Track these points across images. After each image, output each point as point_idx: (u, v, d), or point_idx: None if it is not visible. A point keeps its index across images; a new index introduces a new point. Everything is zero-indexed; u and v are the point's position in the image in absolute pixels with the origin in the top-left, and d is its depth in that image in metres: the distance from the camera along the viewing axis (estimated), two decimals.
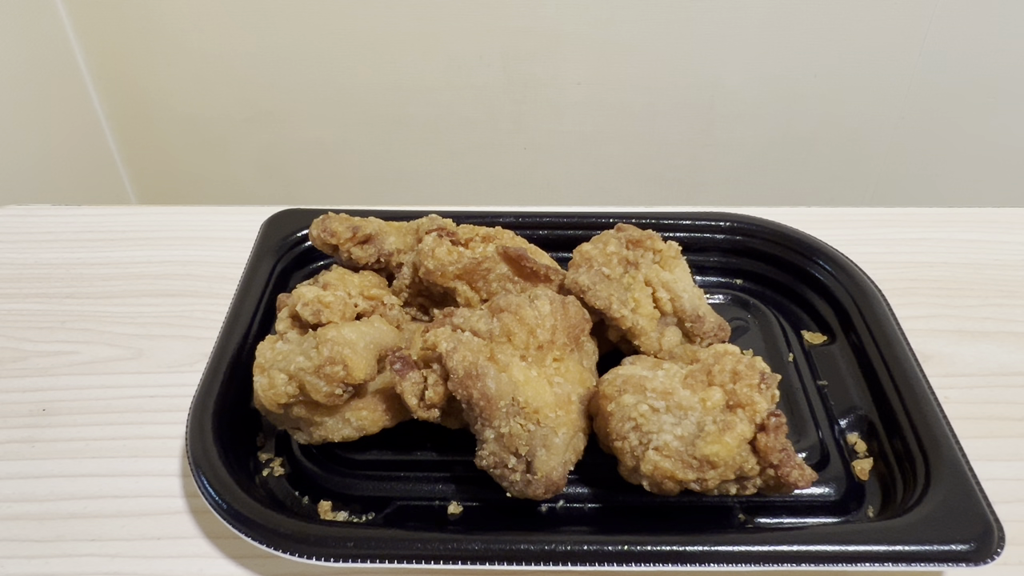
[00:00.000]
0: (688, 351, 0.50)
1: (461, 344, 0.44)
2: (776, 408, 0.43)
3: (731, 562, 0.40)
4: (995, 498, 0.43)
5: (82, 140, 1.28)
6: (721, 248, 0.65)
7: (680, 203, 0.87)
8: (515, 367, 0.44)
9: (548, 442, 0.43)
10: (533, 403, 0.43)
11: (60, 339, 0.61)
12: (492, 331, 0.45)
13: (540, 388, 0.44)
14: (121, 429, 0.53)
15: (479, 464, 0.44)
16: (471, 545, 0.41)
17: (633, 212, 0.65)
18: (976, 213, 0.75)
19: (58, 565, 0.45)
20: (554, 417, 0.43)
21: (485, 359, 0.43)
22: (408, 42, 1.21)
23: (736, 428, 0.41)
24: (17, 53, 1.09)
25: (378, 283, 0.55)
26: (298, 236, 0.65)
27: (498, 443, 0.43)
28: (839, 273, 0.60)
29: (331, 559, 0.41)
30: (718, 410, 0.42)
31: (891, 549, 0.40)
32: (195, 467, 0.45)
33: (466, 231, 0.55)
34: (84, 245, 0.72)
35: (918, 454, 0.46)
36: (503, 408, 0.43)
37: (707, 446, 0.41)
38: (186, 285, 0.67)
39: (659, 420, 0.42)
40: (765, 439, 0.41)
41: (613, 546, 0.40)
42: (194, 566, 0.45)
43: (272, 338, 0.49)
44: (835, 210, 0.75)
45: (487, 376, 0.43)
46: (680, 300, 0.53)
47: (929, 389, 0.50)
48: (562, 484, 0.43)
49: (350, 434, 0.48)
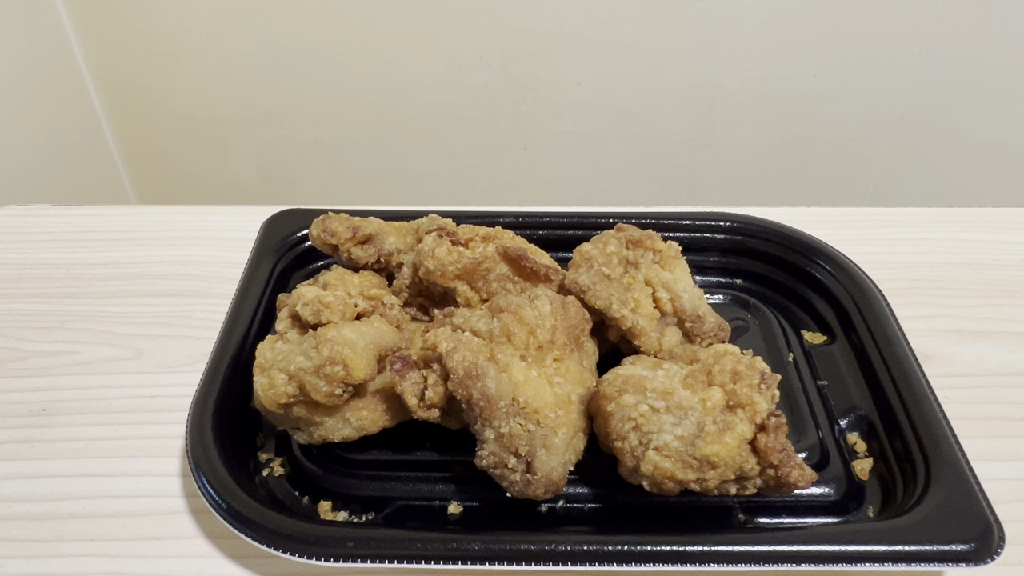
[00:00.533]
0: (688, 351, 0.50)
1: (461, 344, 0.44)
2: (776, 408, 0.43)
3: (731, 562, 0.40)
4: (995, 498, 0.43)
5: (82, 140, 1.28)
6: (721, 248, 0.65)
7: (680, 203, 0.87)
8: (515, 367, 0.44)
9: (548, 442, 0.43)
10: (533, 403, 0.43)
11: (60, 339, 0.61)
12: (492, 331, 0.45)
13: (540, 388, 0.44)
14: (121, 429, 0.53)
15: (479, 464, 0.44)
16: (471, 545, 0.41)
17: (633, 212, 0.65)
18: (976, 213, 0.75)
19: (58, 565, 0.45)
20: (554, 417, 0.43)
21: (485, 359, 0.43)
22: (408, 42, 1.21)
23: (736, 428, 0.41)
24: (17, 53, 1.09)
25: (378, 283, 0.55)
26: (298, 236, 0.65)
27: (498, 443, 0.43)
28: (839, 273, 0.60)
29: (331, 559, 0.41)
30: (718, 410, 0.42)
31: (891, 549, 0.40)
32: (195, 467, 0.45)
33: (466, 231, 0.55)
34: (84, 245, 0.72)
35: (918, 454, 0.46)
36: (503, 408, 0.43)
37: (707, 446, 0.41)
38: (186, 285, 0.67)
39: (659, 420, 0.42)
40: (765, 439, 0.41)
41: (613, 546, 0.40)
42: (194, 566, 0.45)
43: (272, 338, 0.49)
44: (835, 210, 0.75)
45: (487, 376, 0.43)
46: (680, 300, 0.53)
47: (929, 389, 0.50)
48: (562, 484, 0.43)
49: (350, 434, 0.48)
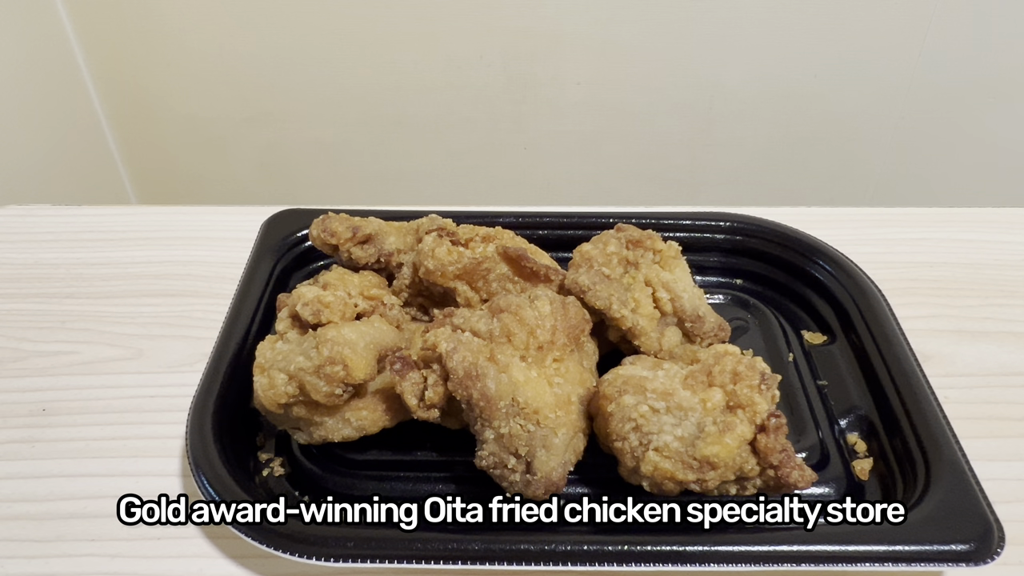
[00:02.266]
0: (688, 351, 0.50)
1: (461, 344, 0.44)
2: (776, 408, 0.43)
3: (731, 562, 0.40)
4: (995, 498, 0.43)
5: (82, 140, 1.28)
6: (721, 248, 0.65)
7: (680, 203, 0.87)
8: (515, 368, 0.44)
9: (548, 443, 0.43)
10: (533, 404, 0.43)
11: (60, 339, 0.61)
12: (492, 331, 0.45)
13: (540, 389, 0.44)
14: (121, 429, 0.53)
15: (479, 464, 0.44)
16: (471, 545, 0.41)
17: (633, 212, 0.65)
18: (976, 213, 0.75)
19: (58, 565, 0.45)
20: (554, 418, 0.43)
21: (485, 359, 0.43)
22: (408, 42, 1.21)
23: (736, 429, 0.41)
24: (17, 53, 1.09)
25: (378, 283, 0.55)
26: (298, 236, 0.65)
27: (498, 443, 0.43)
28: (839, 273, 0.60)
29: (331, 559, 0.41)
30: (718, 411, 0.42)
31: (891, 549, 0.40)
32: (195, 467, 0.45)
33: (466, 231, 0.55)
34: (84, 245, 0.72)
35: (918, 454, 0.46)
36: (503, 408, 0.43)
37: (707, 447, 0.41)
38: (186, 285, 0.67)
39: (659, 421, 0.42)
40: (765, 440, 0.41)
41: (613, 546, 0.40)
42: (194, 566, 0.45)
43: (272, 338, 0.49)
44: (835, 210, 0.75)
45: (487, 377, 0.43)
46: (680, 300, 0.53)
47: (929, 389, 0.50)
48: (562, 484, 0.43)
49: (350, 434, 0.48)
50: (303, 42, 1.21)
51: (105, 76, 1.26)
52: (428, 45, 1.21)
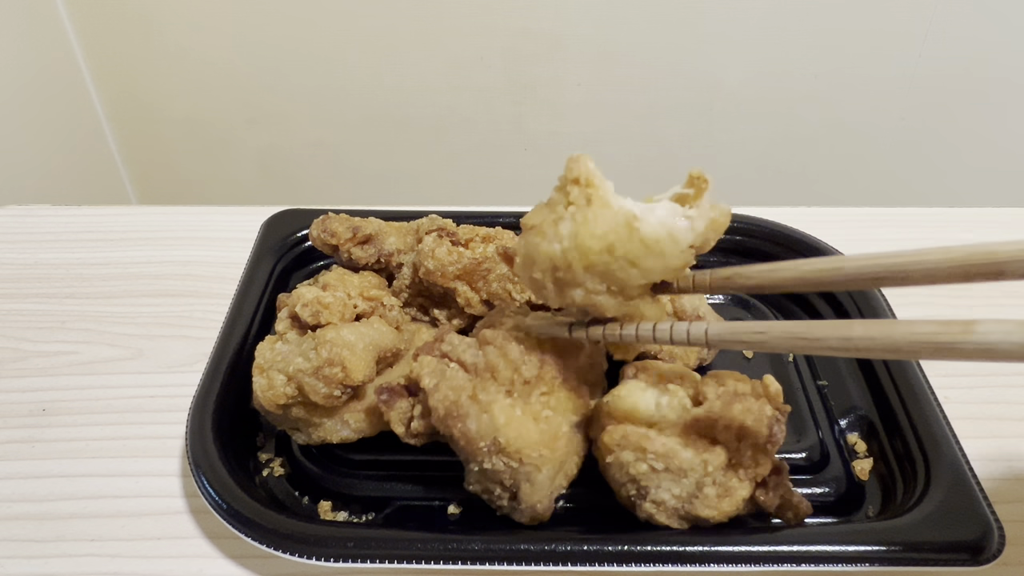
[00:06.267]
0: (691, 380, 0.47)
1: (444, 381, 0.42)
2: (780, 414, 0.42)
3: (731, 562, 0.40)
4: (995, 498, 0.43)
5: (82, 140, 1.28)
6: (721, 248, 0.65)
7: None
8: (497, 407, 0.41)
9: (531, 478, 0.41)
10: (515, 444, 0.41)
11: (60, 339, 0.61)
12: (477, 365, 0.43)
13: (524, 428, 0.41)
14: (121, 429, 0.53)
15: (467, 488, 0.44)
16: (471, 545, 0.41)
17: None
18: (976, 213, 0.75)
19: (58, 565, 0.45)
20: (537, 456, 0.41)
21: (467, 397, 0.42)
22: (408, 43, 1.21)
23: (736, 495, 0.41)
24: (18, 54, 1.09)
25: (378, 284, 0.55)
26: (298, 236, 0.65)
27: (482, 475, 0.42)
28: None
29: (331, 559, 0.41)
30: (719, 472, 0.41)
31: (891, 549, 0.40)
32: (195, 467, 0.45)
33: (466, 231, 0.55)
34: (84, 245, 0.72)
35: (918, 454, 0.46)
36: (483, 447, 0.41)
37: (704, 509, 0.41)
38: (186, 285, 0.67)
39: (658, 478, 0.42)
40: (764, 495, 0.41)
41: (613, 546, 0.40)
42: (194, 566, 0.45)
43: (272, 339, 0.49)
44: (835, 210, 0.75)
45: (468, 417, 0.41)
46: (680, 300, 0.53)
47: (929, 389, 0.50)
48: (547, 515, 0.43)
49: (348, 436, 0.48)
50: (303, 43, 1.21)
51: (106, 77, 1.26)
52: (428, 46, 1.21)
